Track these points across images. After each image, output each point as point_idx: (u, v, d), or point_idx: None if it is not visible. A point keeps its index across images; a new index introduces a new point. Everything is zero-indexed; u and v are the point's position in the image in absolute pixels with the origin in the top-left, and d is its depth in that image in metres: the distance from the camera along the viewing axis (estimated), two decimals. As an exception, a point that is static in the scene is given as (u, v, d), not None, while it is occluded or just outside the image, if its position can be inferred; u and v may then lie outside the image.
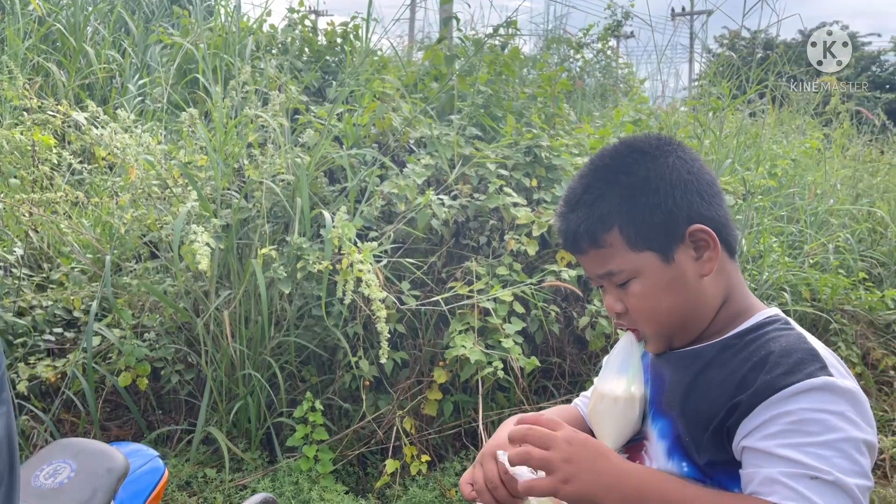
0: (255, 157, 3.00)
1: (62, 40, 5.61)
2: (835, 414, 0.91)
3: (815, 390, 0.93)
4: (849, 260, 4.41)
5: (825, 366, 0.95)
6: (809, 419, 0.91)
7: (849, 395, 0.93)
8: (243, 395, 2.91)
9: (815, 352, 0.98)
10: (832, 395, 0.92)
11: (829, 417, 0.91)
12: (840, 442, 0.90)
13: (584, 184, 1.12)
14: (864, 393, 0.98)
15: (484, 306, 2.93)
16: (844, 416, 0.91)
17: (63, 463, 1.29)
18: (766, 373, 0.96)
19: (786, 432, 0.92)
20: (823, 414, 0.91)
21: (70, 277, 3.27)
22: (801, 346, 0.99)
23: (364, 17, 4.29)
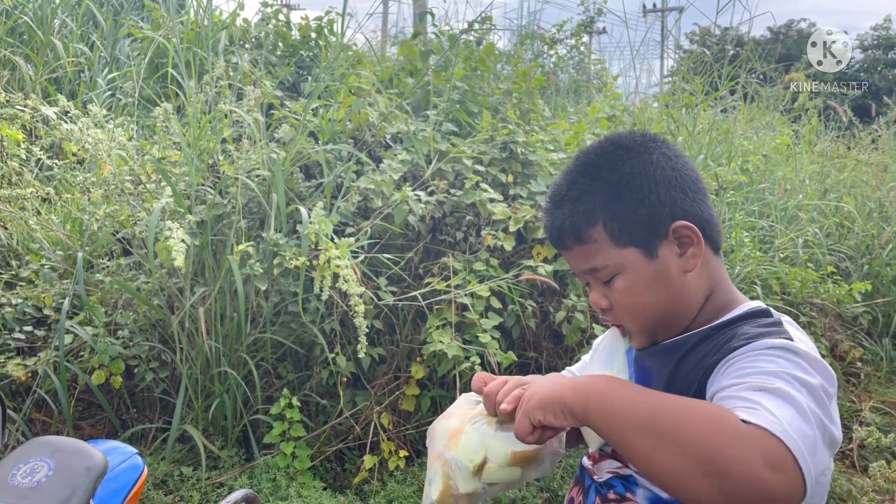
0: (230, 152, 2.97)
1: (29, 33, 5.50)
2: (790, 361, 0.92)
3: (774, 348, 0.94)
4: (817, 254, 4.51)
5: (790, 337, 0.97)
6: (762, 358, 0.93)
7: (810, 358, 0.93)
8: (219, 392, 2.89)
9: (783, 331, 0.99)
10: (791, 353, 0.93)
11: (783, 360, 0.92)
12: (791, 376, 0.90)
13: (569, 180, 1.13)
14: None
15: (461, 301, 2.94)
16: (800, 366, 0.92)
17: (40, 461, 1.27)
18: (732, 342, 0.99)
19: (738, 369, 0.93)
20: (778, 358, 0.92)
21: (40, 275, 3.22)
22: (772, 326, 1.01)
23: (338, 11, 4.28)
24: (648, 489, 1.06)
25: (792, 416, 0.84)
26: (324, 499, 2.70)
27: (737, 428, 0.82)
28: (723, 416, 0.85)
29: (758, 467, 0.79)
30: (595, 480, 1.15)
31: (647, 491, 1.06)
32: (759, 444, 0.81)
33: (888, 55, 20.57)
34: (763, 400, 0.86)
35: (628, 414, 0.90)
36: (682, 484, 0.83)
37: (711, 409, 0.87)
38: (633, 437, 0.89)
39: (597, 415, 0.94)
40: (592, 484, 1.16)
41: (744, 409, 0.85)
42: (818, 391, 0.90)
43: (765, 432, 0.81)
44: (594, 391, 0.95)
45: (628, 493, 1.08)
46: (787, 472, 0.80)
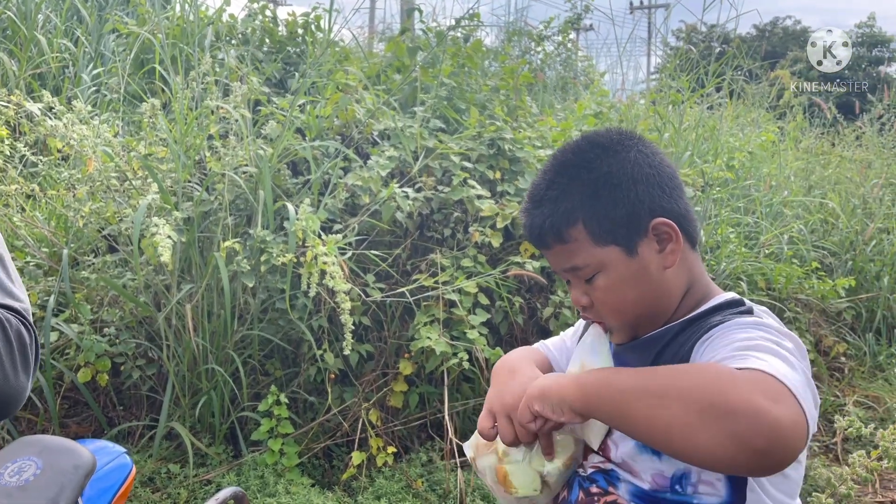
0: (217, 149, 2.96)
1: (13, 28, 5.44)
2: (763, 331, 0.96)
3: (746, 324, 0.98)
4: (802, 250, 4.55)
5: (760, 318, 1.01)
6: (738, 331, 0.97)
7: (782, 330, 0.97)
8: (206, 389, 2.88)
9: (752, 314, 1.04)
10: (762, 326, 0.97)
11: (753, 331, 0.96)
12: (765, 339, 0.94)
13: (548, 180, 1.14)
14: (817, 379, 1.02)
15: (449, 298, 2.95)
16: (773, 335, 0.95)
17: (28, 460, 1.26)
18: (705, 330, 1.03)
19: (716, 346, 0.97)
20: (752, 330, 0.96)
21: (25, 272, 3.19)
22: (743, 313, 1.05)
23: (325, 7, 4.26)
24: (630, 482, 1.07)
25: (779, 363, 0.87)
26: (312, 495, 2.70)
27: (731, 373, 0.85)
28: (717, 366, 0.88)
29: (759, 399, 0.81)
30: (579, 474, 1.16)
31: (629, 485, 1.07)
32: (757, 382, 0.83)
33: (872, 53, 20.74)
34: (750, 353, 0.89)
35: (627, 390, 0.93)
36: (689, 436, 0.84)
37: (704, 365, 0.91)
38: (635, 405, 0.90)
39: (597, 402, 0.96)
40: (576, 478, 1.17)
41: (733, 361, 0.89)
42: (794, 351, 0.94)
43: (760, 372, 0.84)
44: (592, 382, 0.98)
45: (611, 486, 1.10)
46: (787, 403, 0.82)
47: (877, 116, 6.88)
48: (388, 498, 2.78)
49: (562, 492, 1.21)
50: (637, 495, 1.06)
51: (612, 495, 1.09)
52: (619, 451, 1.09)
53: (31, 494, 1.24)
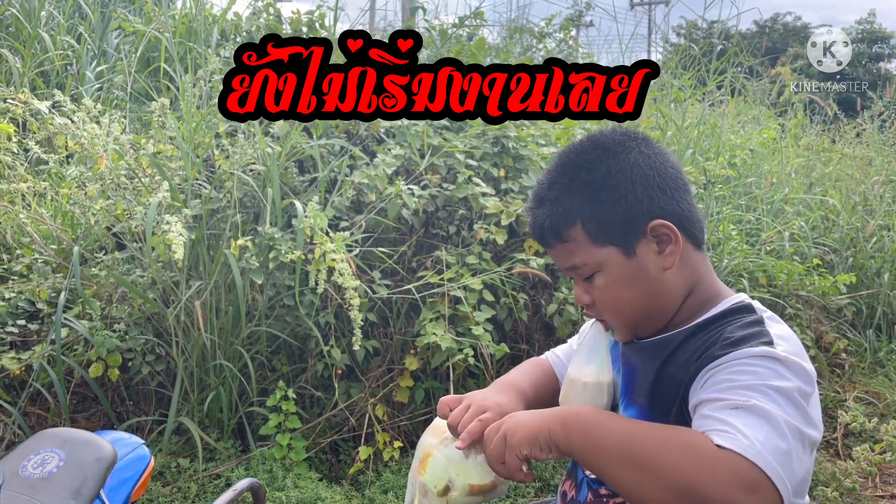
0: (225, 147, 2.99)
1: (17, 25, 5.46)
2: (769, 369, 0.95)
3: (753, 357, 0.97)
4: (803, 247, 4.57)
5: (771, 341, 1.00)
6: (742, 370, 0.96)
7: (789, 362, 0.97)
8: (215, 385, 2.91)
9: (765, 332, 1.02)
10: (770, 360, 0.96)
11: (762, 370, 0.95)
12: (767, 387, 0.93)
13: (550, 179, 1.16)
14: (818, 375, 1.03)
15: (454, 294, 2.98)
16: (778, 372, 0.95)
17: (51, 452, 1.29)
18: (714, 348, 1.02)
19: (719, 381, 0.97)
20: (757, 367, 0.96)
21: (34, 269, 3.22)
22: (754, 327, 1.04)
23: (329, 6, 4.29)
24: None
25: (766, 435, 0.88)
26: (320, 489, 2.73)
27: (712, 455, 0.87)
28: (699, 443, 0.89)
29: (734, 492, 0.84)
30: (587, 475, 1.18)
31: None
32: (734, 470, 0.85)
33: (872, 49, 20.75)
34: (737, 421, 0.90)
35: (609, 447, 0.95)
36: None
37: (688, 436, 0.91)
38: (616, 469, 0.94)
39: (580, 448, 0.98)
40: (584, 478, 1.19)
41: (718, 434, 0.89)
42: (794, 395, 0.93)
43: (739, 457, 0.86)
44: (577, 425, 0.99)
45: None
46: (762, 492, 0.85)
47: (877, 113, 6.90)
48: (395, 492, 2.81)
49: (570, 492, 1.23)
50: None
51: (620, 497, 1.11)
52: None
53: (54, 486, 1.27)
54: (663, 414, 1.06)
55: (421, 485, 1.14)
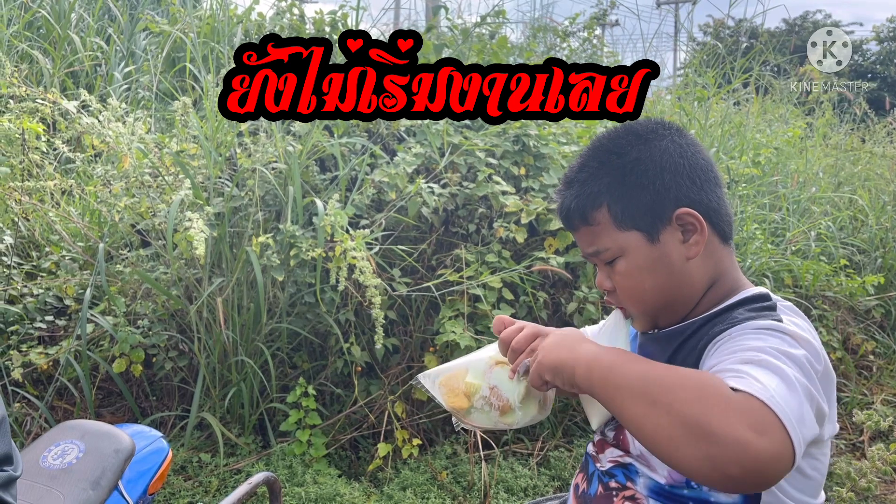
0: (247, 145, 3.02)
1: (47, 27, 5.56)
2: (776, 337, 0.96)
3: (759, 328, 0.98)
4: (830, 247, 4.50)
5: (780, 319, 1.00)
6: (750, 337, 0.97)
7: (798, 336, 0.97)
8: (236, 381, 2.94)
9: (775, 314, 1.02)
10: (776, 332, 0.97)
11: (769, 337, 0.96)
12: (777, 351, 0.93)
13: (581, 163, 1.17)
14: (845, 377, 1.02)
15: (473, 293, 2.98)
16: (786, 341, 0.95)
17: (71, 444, 1.32)
18: (723, 325, 1.03)
19: (727, 348, 0.97)
20: (765, 335, 0.96)
21: (61, 266, 3.28)
22: (764, 310, 1.04)
23: (352, 5, 4.31)
24: (649, 478, 1.08)
25: (777, 384, 0.87)
26: (339, 485, 2.75)
27: (724, 394, 0.86)
28: (713, 382, 0.88)
29: (742, 430, 0.82)
30: (598, 468, 1.18)
31: (647, 480, 1.08)
32: (745, 409, 0.84)
33: (905, 47, 20.37)
34: (750, 370, 0.89)
35: (627, 384, 0.94)
36: (671, 448, 0.87)
37: (703, 377, 0.90)
38: (629, 405, 0.93)
39: (600, 387, 0.99)
40: (595, 471, 1.19)
41: (732, 377, 0.89)
42: (803, 362, 0.93)
43: (751, 397, 0.85)
44: (600, 365, 1.00)
45: (629, 481, 1.11)
46: (772, 435, 0.83)
47: (908, 112, 6.77)
48: (414, 489, 2.82)
49: (581, 484, 1.23)
50: (654, 490, 1.07)
51: (631, 490, 1.10)
52: (637, 443, 1.11)
53: (74, 476, 1.30)
54: None
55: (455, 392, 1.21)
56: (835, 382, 1.04)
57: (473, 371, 1.22)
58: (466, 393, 1.20)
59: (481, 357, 1.24)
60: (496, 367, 1.21)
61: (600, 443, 1.20)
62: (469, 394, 1.20)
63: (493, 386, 1.20)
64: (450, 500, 2.81)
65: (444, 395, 1.20)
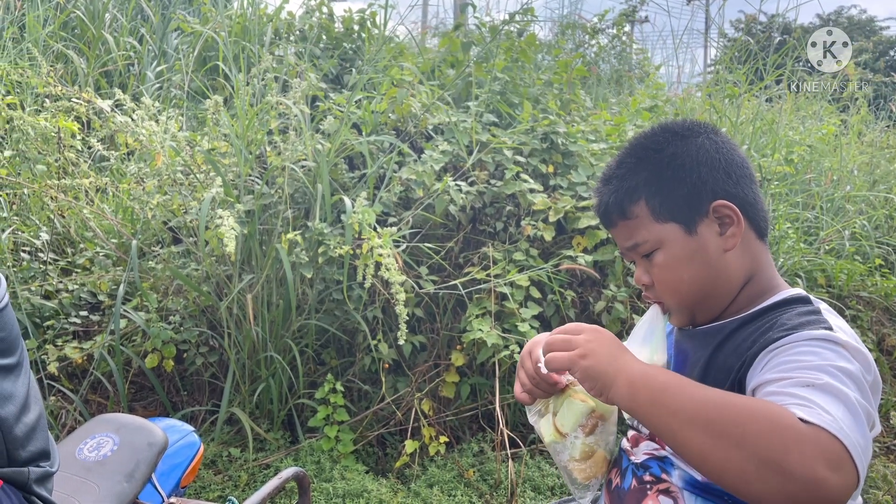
0: (277, 143, 3.05)
1: (82, 28, 5.66)
2: (832, 351, 0.94)
3: (813, 339, 0.96)
4: (865, 246, 4.42)
5: (830, 326, 0.99)
6: (805, 351, 0.95)
7: (850, 347, 0.96)
8: (265, 377, 2.97)
9: (823, 320, 1.01)
10: (829, 343, 0.95)
11: (825, 352, 0.94)
12: (834, 368, 0.92)
13: (618, 160, 1.19)
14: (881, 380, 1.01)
15: (501, 291, 2.98)
16: (841, 355, 0.94)
17: (106, 437, 1.35)
18: (771, 332, 1.01)
19: (782, 363, 0.95)
20: (820, 349, 0.95)
21: (95, 262, 3.35)
22: (811, 315, 1.03)
23: (381, 4, 4.33)
24: (684, 470, 1.08)
25: (843, 413, 0.86)
26: (366, 482, 2.77)
27: (797, 427, 0.84)
28: (782, 414, 0.86)
29: (820, 468, 0.82)
30: (632, 461, 1.18)
31: (682, 472, 1.08)
32: (820, 445, 0.83)
33: (943, 42, 19.87)
34: (815, 397, 0.87)
35: (683, 410, 0.91)
36: (742, 482, 0.85)
37: (771, 409, 0.88)
38: (687, 433, 0.90)
39: (646, 406, 0.95)
40: (629, 465, 1.19)
41: (799, 407, 0.87)
42: (859, 377, 0.92)
43: (824, 432, 0.84)
44: (649, 385, 0.96)
45: (664, 474, 1.11)
46: (845, 471, 0.83)
47: (946, 109, 6.62)
48: (441, 486, 2.83)
49: (614, 479, 1.23)
50: (690, 483, 1.07)
51: (666, 483, 1.10)
52: None
53: (109, 469, 1.32)
54: None
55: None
56: (881, 389, 1.03)
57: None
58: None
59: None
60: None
61: (634, 437, 1.20)
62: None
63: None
64: (476, 498, 2.81)
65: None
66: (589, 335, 1.05)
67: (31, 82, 3.70)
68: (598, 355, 1.01)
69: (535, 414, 1.24)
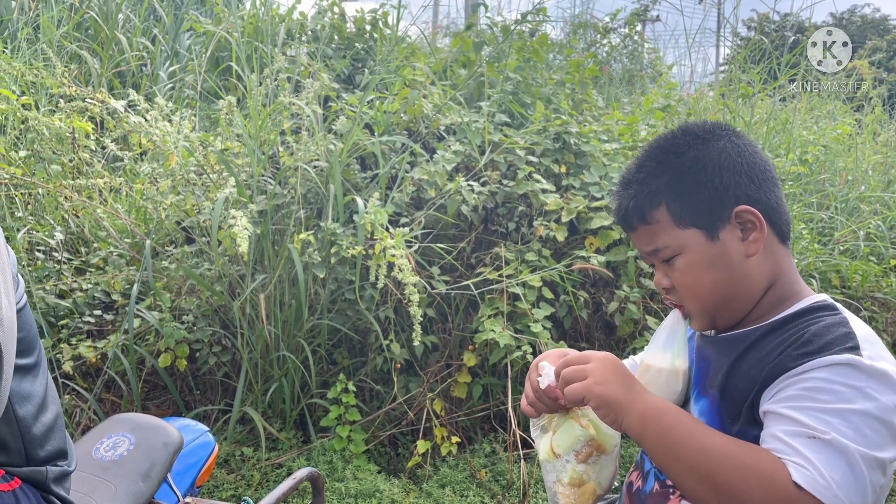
0: (290, 144, 3.06)
1: (95, 28, 5.70)
2: (851, 388, 0.93)
3: (836, 365, 0.95)
4: (880, 247, 4.38)
5: (856, 346, 0.97)
6: (822, 388, 0.94)
7: (874, 373, 0.94)
8: (278, 376, 2.98)
9: (851, 334, 0.99)
10: (854, 370, 0.94)
11: (843, 389, 0.93)
12: (848, 412, 0.91)
13: (638, 163, 1.17)
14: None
15: (513, 291, 2.97)
16: (862, 391, 0.92)
17: (122, 436, 1.35)
18: (794, 349, 1.00)
19: (796, 396, 0.95)
20: (838, 385, 0.93)
21: (109, 261, 3.36)
22: (838, 329, 1.00)
23: (393, 4, 4.33)
24: None
25: (843, 475, 0.89)
26: (378, 481, 2.77)
27: (788, 492, 0.89)
28: (777, 476, 0.91)
29: None
30: (654, 466, 1.17)
31: None
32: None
33: (959, 40, 19.69)
34: (815, 456, 0.90)
35: (686, 457, 0.98)
36: None
37: (767, 465, 0.92)
38: (688, 481, 0.98)
39: (653, 445, 1.02)
40: (651, 469, 1.18)
41: (796, 468, 0.90)
42: (876, 416, 0.92)
43: (814, 501, 0.88)
44: (657, 422, 1.02)
45: None
46: None
47: (963, 108, 6.56)
48: (453, 487, 2.83)
49: (636, 482, 1.22)
50: None
51: None
52: None
53: (125, 468, 1.33)
54: (733, 408, 1.05)
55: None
56: None
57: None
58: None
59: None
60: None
61: None
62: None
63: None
64: (489, 499, 2.81)
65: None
66: (598, 363, 1.09)
67: (45, 83, 3.72)
68: (612, 383, 1.07)
69: (538, 428, 1.24)
